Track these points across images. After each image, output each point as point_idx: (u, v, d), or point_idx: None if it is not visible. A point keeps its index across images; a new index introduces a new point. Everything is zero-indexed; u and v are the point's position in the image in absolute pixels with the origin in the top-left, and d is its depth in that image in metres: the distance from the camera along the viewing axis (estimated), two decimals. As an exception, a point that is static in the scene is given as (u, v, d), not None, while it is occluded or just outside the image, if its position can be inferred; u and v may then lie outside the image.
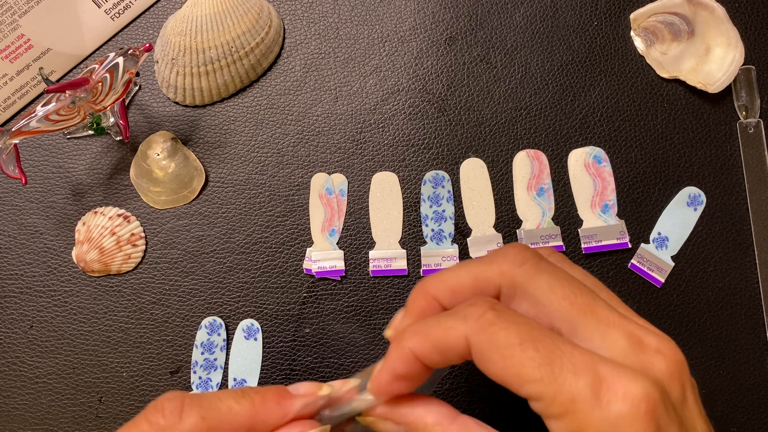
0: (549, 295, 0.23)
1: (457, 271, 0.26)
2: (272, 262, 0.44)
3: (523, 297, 0.24)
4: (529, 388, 0.21)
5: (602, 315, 0.23)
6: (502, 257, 0.25)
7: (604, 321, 0.23)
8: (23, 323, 0.45)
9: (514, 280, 0.24)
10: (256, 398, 0.25)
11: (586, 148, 0.44)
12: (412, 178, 0.44)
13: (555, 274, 0.24)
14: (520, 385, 0.21)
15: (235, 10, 0.44)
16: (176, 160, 0.44)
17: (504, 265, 0.24)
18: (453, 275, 0.26)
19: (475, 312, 0.23)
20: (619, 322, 0.23)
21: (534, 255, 0.25)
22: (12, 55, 0.46)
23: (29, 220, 0.45)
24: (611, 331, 0.22)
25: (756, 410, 0.41)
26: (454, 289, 0.25)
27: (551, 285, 0.23)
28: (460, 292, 0.25)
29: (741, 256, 0.43)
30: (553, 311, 0.23)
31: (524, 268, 0.24)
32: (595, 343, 0.22)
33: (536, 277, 0.24)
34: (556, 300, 0.23)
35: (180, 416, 0.23)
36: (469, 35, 0.45)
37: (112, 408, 0.43)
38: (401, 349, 0.24)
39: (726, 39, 0.42)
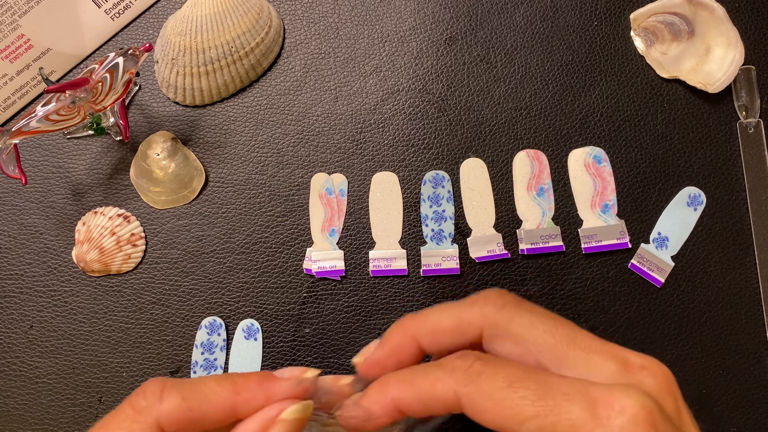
0: (531, 331, 0.24)
1: (439, 313, 0.26)
2: (272, 262, 0.44)
3: (507, 337, 0.25)
4: (527, 426, 0.21)
5: (584, 343, 0.24)
6: (482, 300, 0.26)
7: (587, 348, 0.23)
8: (23, 323, 0.45)
9: (497, 321, 0.25)
10: (238, 380, 0.25)
11: (586, 148, 0.44)
12: (412, 178, 0.44)
13: (535, 311, 0.25)
14: (519, 424, 0.21)
15: (235, 10, 0.44)
16: (176, 160, 0.44)
17: (485, 308, 0.25)
18: (435, 316, 0.26)
19: (462, 364, 0.23)
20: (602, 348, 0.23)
21: (514, 297, 0.26)
22: (12, 55, 0.46)
23: (29, 220, 0.45)
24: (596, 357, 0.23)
25: (756, 410, 0.41)
26: (434, 330, 0.26)
27: (532, 321, 0.24)
28: (441, 333, 0.26)
29: (741, 256, 0.43)
30: (537, 347, 0.24)
31: (506, 309, 0.25)
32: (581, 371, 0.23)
33: (517, 316, 0.24)
34: (538, 335, 0.24)
35: (161, 397, 0.24)
36: (469, 35, 0.45)
37: (112, 408, 0.43)
38: (382, 395, 0.24)
39: (726, 39, 0.42)
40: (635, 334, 0.42)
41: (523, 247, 0.43)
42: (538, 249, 0.43)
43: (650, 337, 0.42)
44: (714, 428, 0.42)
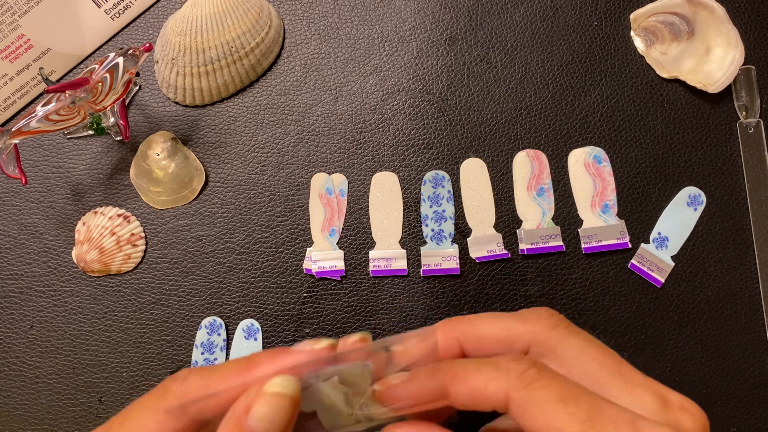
0: (580, 357, 0.25)
1: (488, 321, 0.27)
2: (272, 262, 0.44)
3: (553, 357, 0.25)
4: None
5: (629, 375, 0.24)
6: (535, 317, 0.26)
7: (632, 381, 0.24)
8: (23, 323, 0.45)
9: (547, 341, 0.25)
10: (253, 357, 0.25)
11: (586, 148, 0.44)
12: (412, 178, 0.44)
13: (584, 337, 0.26)
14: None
15: (235, 10, 0.44)
16: (176, 160, 0.44)
17: (537, 326, 0.26)
18: (485, 324, 0.26)
19: (518, 367, 0.23)
20: (645, 383, 0.24)
21: (564, 319, 0.26)
22: (12, 55, 0.46)
23: (29, 220, 0.45)
24: (639, 391, 0.24)
25: (756, 410, 0.41)
26: (482, 338, 0.26)
27: (582, 347, 0.25)
28: (488, 342, 0.26)
29: (741, 256, 0.43)
30: (582, 373, 0.24)
31: (557, 330, 0.25)
32: (624, 402, 0.24)
33: (568, 339, 0.25)
34: (586, 361, 0.25)
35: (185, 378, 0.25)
36: (469, 35, 0.45)
37: (112, 408, 0.43)
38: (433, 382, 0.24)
39: (726, 39, 0.42)
40: (635, 334, 0.42)
41: (523, 247, 0.43)
42: (538, 249, 0.43)
43: (650, 337, 0.42)
44: (714, 428, 0.42)
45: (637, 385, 0.24)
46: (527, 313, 0.26)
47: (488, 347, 0.26)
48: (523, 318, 0.26)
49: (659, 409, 0.23)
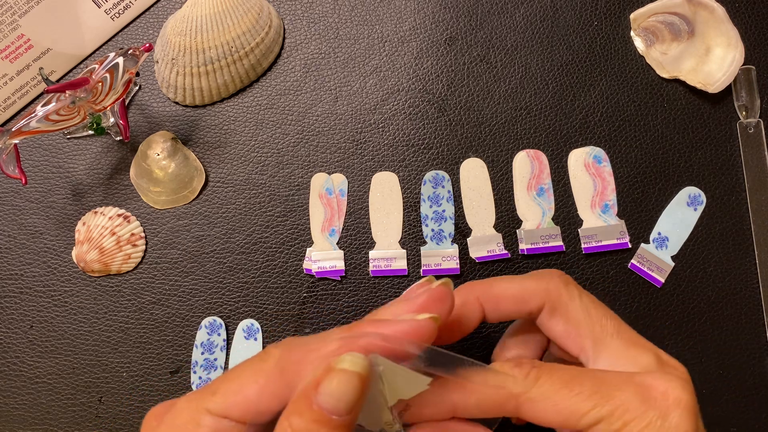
0: (585, 317, 0.27)
1: (505, 281, 0.29)
2: (272, 262, 0.44)
3: (562, 314, 0.28)
4: (587, 418, 0.24)
5: (627, 335, 0.27)
6: (548, 276, 0.28)
7: (629, 341, 0.27)
8: (23, 323, 0.45)
9: (560, 298, 0.28)
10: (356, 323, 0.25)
11: (586, 148, 0.44)
12: (412, 178, 0.44)
13: (591, 298, 0.28)
14: (578, 419, 0.24)
15: (235, 10, 0.44)
16: (176, 160, 0.44)
17: (551, 283, 0.28)
18: (502, 284, 0.29)
19: (520, 373, 0.25)
20: (642, 342, 0.27)
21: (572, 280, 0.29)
22: (12, 55, 0.46)
23: (29, 220, 0.45)
24: (635, 349, 0.26)
25: (756, 410, 0.41)
26: (500, 296, 0.28)
27: (588, 308, 0.27)
28: (505, 300, 0.28)
29: (741, 256, 0.43)
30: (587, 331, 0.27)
31: (569, 288, 0.28)
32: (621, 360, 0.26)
33: (578, 299, 0.28)
34: (592, 321, 0.27)
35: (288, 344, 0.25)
36: (469, 35, 0.45)
37: (112, 408, 0.43)
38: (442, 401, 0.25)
39: (726, 39, 0.42)
40: (635, 334, 0.42)
41: (523, 247, 0.43)
42: (538, 249, 0.43)
43: (650, 337, 0.42)
44: (714, 428, 0.42)
45: (635, 344, 0.27)
46: (540, 272, 0.29)
47: (506, 306, 0.28)
48: (538, 276, 0.28)
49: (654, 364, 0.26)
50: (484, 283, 0.29)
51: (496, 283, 0.29)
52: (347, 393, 0.22)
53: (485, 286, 0.29)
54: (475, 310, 0.28)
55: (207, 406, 0.24)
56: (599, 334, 0.27)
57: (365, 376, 0.22)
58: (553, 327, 0.28)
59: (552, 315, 0.28)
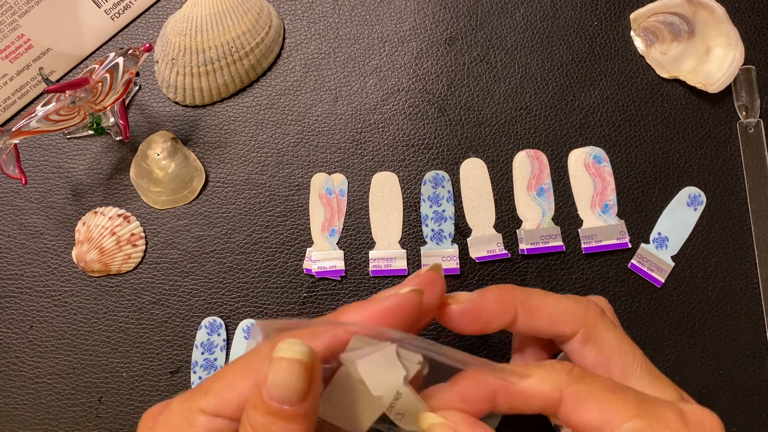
0: (618, 347, 0.27)
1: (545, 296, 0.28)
2: (272, 262, 0.44)
3: (596, 343, 0.28)
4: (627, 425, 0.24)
5: (653, 371, 0.27)
6: (586, 303, 0.28)
7: (654, 375, 0.27)
8: (23, 323, 0.45)
9: (595, 327, 0.28)
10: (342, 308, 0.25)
11: (586, 148, 0.44)
12: (412, 178, 0.44)
13: (621, 330, 0.28)
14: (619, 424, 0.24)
15: (235, 10, 0.44)
16: (176, 160, 0.44)
17: (590, 310, 0.28)
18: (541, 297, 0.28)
19: (564, 367, 0.25)
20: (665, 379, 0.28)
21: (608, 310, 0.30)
22: (12, 55, 0.46)
23: (29, 220, 0.45)
24: (662, 385, 0.27)
25: (756, 410, 0.41)
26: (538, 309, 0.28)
27: (621, 340, 0.28)
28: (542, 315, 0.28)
29: (741, 256, 0.43)
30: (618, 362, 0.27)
31: (605, 318, 0.28)
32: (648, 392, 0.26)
33: (612, 330, 0.28)
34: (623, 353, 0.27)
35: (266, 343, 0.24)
36: (469, 35, 0.45)
37: (112, 408, 0.43)
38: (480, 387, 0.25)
39: (726, 39, 0.42)
40: (635, 334, 0.42)
41: (523, 247, 0.43)
42: (538, 249, 0.43)
43: (650, 337, 0.42)
44: (714, 428, 0.42)
45: (659, 380, 0.27)
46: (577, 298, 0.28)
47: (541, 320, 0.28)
48: (577, 300, 0.28)
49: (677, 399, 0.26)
50: (524, 291, 0.28)
51: (536, 295, 0.28)
52: (292, 381, 0.22)
53: (525, 295, 0.28)
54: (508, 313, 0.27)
55: (200, 406, 0.23)
56: (629, 365, 0.27)
57: (307, 362, 0.22)
58: (585, 354, 0.28)
59: (585, 342, 0.27)
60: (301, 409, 0.22)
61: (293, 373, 0.22)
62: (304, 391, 0.22)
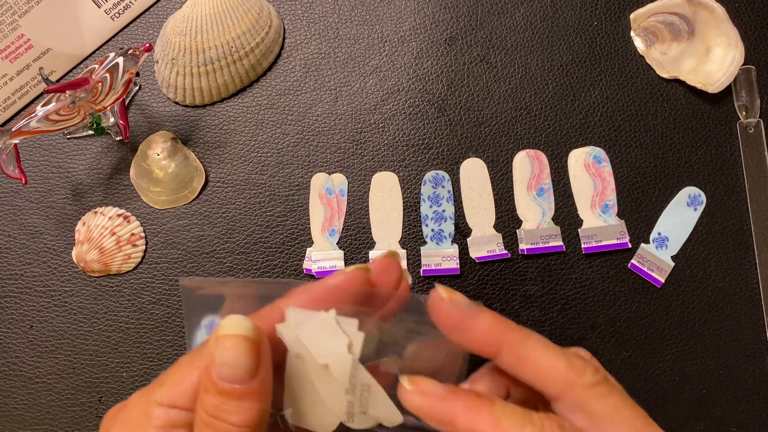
0: (614, 417, 0.25)
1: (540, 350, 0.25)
2: (272, 262, 0.44)
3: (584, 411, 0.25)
4: None
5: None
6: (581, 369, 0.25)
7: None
8: (23, 323, 0.45)
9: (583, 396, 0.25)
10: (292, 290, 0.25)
11: (586, 148, 0.44)
12: (412, 178, 0.44)
13: (623, 397, 0.25)
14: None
15: (235, 10, 0.44)
16: (176, 160, 0.44)
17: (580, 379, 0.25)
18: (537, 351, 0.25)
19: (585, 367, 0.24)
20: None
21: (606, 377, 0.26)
22: (12, 55, 0.46)
23: (29, 220, 0.45)
24: None
25: (756, 410, 0.41)
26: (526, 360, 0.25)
27: (618, 408, 0.25)
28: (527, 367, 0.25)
29: (741, 256, 0.43)
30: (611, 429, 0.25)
31: (597, 389, 0.25)
32: None
33: (607, 398, 0.25)
34: (618, 422, 0.25)
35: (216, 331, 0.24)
36: (469, 35, 0.45)
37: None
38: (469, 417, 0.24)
39: (726, 39, 0.42)
40: (635, 334, 0.42)
41: (523, 247, 0.43)
42: (538, 249, 0.43)
43: (650, 337, 0.42)
44: (714, 428, 0.42)
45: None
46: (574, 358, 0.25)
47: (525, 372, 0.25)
48: (570, 364, 0.25)
49: None
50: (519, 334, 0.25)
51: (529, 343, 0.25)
52: (239, 358, 0.21)
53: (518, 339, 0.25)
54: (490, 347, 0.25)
55: (155, 399, 0.23)
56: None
57: (253, 337, 0.21)
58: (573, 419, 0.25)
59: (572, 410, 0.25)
60: (251, 386, 0.21)
61: (239, 349, 0.21)
62: (253, 368, 0.21)
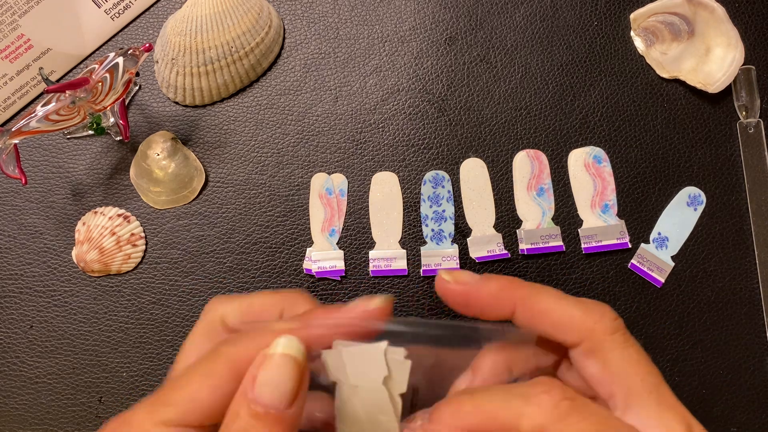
0: (627, 369, 0.25)
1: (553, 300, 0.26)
2: (272, 262, 0.44)
3: (600, 359, 0.25)
4: None
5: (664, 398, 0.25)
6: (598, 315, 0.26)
7: (665, 404, 0.25)
8: (23, 323, 0.45)
9: (602, 343, 0.25)
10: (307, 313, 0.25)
11: (586, 148, 0.44)
12: (412, 178, 0.44)
13: (637, 350, 0.26)
14: None
15: (235, 10, 0.44)
16: (176, 160, 0.44)
17: (598, 325, 0.25)
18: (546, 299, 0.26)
19: (550, 400, 0.23)
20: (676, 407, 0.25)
21: (623, 327, 0.26)
22: (12, 55, 0.46)
23: (29, 220, 0.45)
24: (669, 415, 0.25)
25: (756, 410, 0.41)
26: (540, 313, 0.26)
27: (632, 360, 0.25)
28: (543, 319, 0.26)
29: (741, 256, 0.43)
30: (622, 382, 0.25)
31: (615, 336, 0.26)
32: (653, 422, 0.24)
33: (623, 348, 0.25)
34: (631, 374, 0.25)
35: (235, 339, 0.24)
36: (469, 35, 0.45)
37: (112, 408, 0.43)
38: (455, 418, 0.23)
39: (726, 39, 0.42)
40: (635, 334, 0.42)
41: (523, 247, 0.43)
42: (538, 249, 0.43)
43: (650, 337, 0.42)
44: (714, 428, 0.42)
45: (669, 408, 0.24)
46: (592, 306, 0.26)
47: (542, 324, 0.26)
48: (587, 310, 0.26)
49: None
50: (531, 289, 0.26)
51: (543, 296, 0.26)
52: (283, 380, 0.21)
53: (531, 294, 0.26)
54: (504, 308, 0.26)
55: (163, 419, 0.23)
56: (637, 389, 0.25)
57: (301, 361, 0.21)
58: (587, 367, 0.25)
59: (588, 356, 0.25)
60: (289, 414, 0.21)
61: (286, 371, 0.21)
62: (294, 393, 0.21)
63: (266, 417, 0.21)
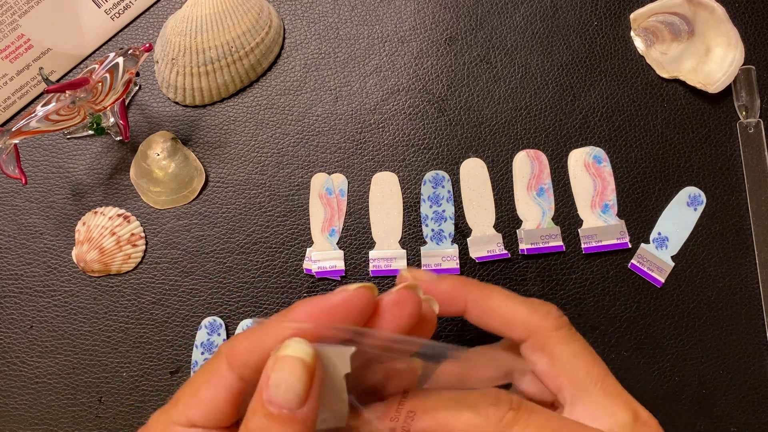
0: (572, 362, 0.27)
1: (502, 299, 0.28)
2: (272, 262, 0.44)
3: (546, 354, 0.27)
4: None
5: (609, 388, 0.26)
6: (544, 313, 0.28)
7: (611, 394, 0.26)
8: (23, 323, 0.45)
9: (547, 339, 0.27)
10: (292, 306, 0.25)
11: (586, 148, 0.44)
12: (412, 178, 0.44)
13: (582, 344, 0.27)
14: None
15: (235, 10, 0.44)
16: (176, 160, 0.44)
17: (543, 322, 0.27)
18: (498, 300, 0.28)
19: (497, 413, 0.24)
20: (621, 396, 0.26)
21: (568, 323, 0.28)
22: (12, 55, 0.46)
23: (29, 220, 0.45)
24: (615, 403, 0.26)
25: (756, 410, 0.41)
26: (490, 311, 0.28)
27: (576, 354, 0.27)
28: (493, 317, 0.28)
29: (741, 256, 0.43)
30: (568, 375, 0.26)
31: (560, 332, 0.27)
32: (600, 412, 0.26)
33: (567, 343, 0.27)
34: (576, 367, 0.26)
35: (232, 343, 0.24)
36: (469, 35, 0.45)
37: (112, 408, 0.43)
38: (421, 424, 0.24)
39: (726, 39, 0.42)
40: (635, 334, 0.42)
41: (523, 247, 0.43)
42: (538, 249, 0.43)
43: (650, 337, 0.42)
44: (714, 428, 0.42)
45: (615, 397, 0.26)
46: (538, 305, 0.28)
47: (492, 321, 0.28)
48: (533, 308, 0.28)
49: (630, 422, 0.25)
50: (481, 289, 0.28)
51: (493, 295, 0.28)
52: (293, 382, 0.21)
53: (481, 293, 0.28)
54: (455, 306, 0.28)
55: (172, 419, 0.23)
56: (582, 381, 0.26)
57: (309, 362, 0.21)
58: (536, 363, 0.27)
59: (536, 351, 0.27)
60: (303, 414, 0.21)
61: (296, 373, 0.21)
62: (305, 394, 0.21)
63: (279, 417, 0.21)
